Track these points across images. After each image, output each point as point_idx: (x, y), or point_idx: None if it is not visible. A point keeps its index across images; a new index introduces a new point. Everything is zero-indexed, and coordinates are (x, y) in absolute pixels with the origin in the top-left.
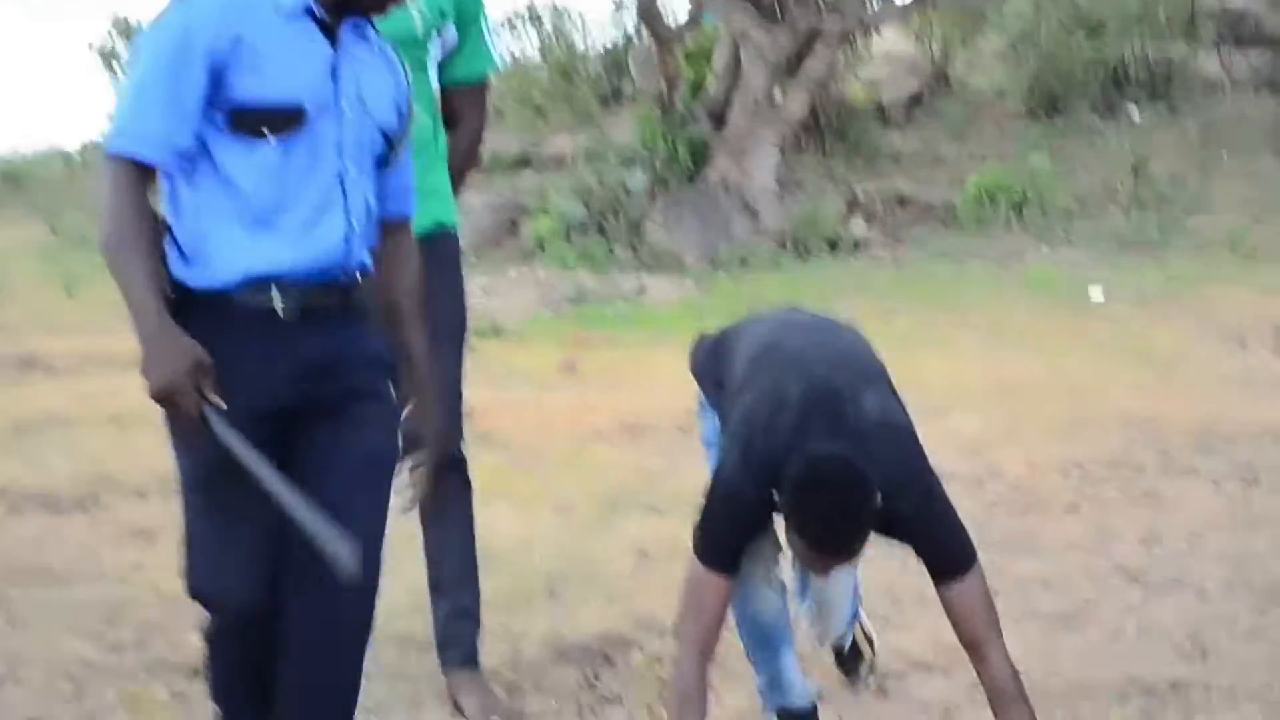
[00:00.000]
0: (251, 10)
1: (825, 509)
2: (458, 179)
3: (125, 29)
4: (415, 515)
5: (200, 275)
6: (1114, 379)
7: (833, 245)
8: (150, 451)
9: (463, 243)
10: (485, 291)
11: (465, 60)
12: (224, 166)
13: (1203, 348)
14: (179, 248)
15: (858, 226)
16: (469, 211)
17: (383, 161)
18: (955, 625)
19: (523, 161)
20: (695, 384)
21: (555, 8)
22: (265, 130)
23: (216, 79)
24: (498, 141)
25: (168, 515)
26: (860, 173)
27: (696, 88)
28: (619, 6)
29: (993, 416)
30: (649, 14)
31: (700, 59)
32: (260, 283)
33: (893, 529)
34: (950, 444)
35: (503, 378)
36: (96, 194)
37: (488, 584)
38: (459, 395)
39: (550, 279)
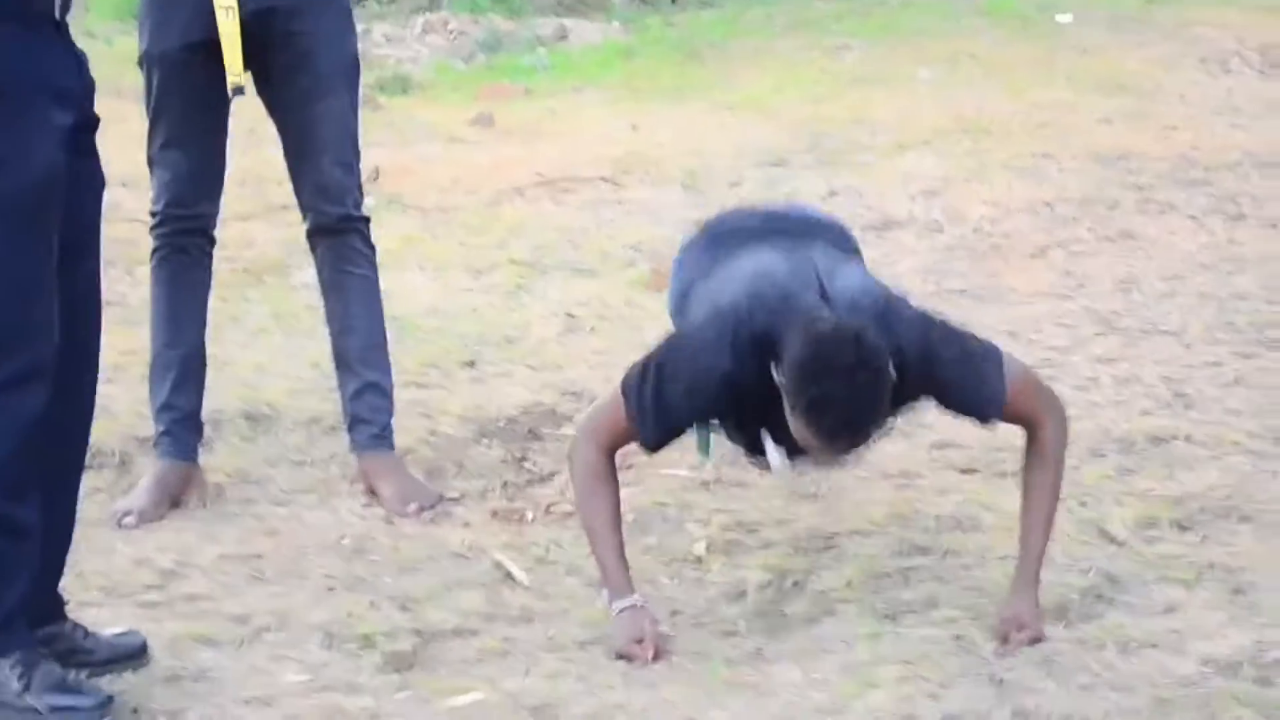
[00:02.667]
0: None
1: (839, 388)
2: None
3: None
4: (314, 284)
5: None
6: (1084, 111)
7: None
8: None
9: None
10: (388, 40)
11: None
12: None
13: (1181, 73)
14: None
15: None
16: None
17: None
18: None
19: None
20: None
21: None
22: None
23: None
24: None
25: None
26: None
27: None
28: None
29: (952, 155)
30: None
31: None
32: None
33: (908, 397)
34: (907, 186)
35: (411, 134)
36: None
37: (400, 357)
38: (355, 149)
39: (459, 25)
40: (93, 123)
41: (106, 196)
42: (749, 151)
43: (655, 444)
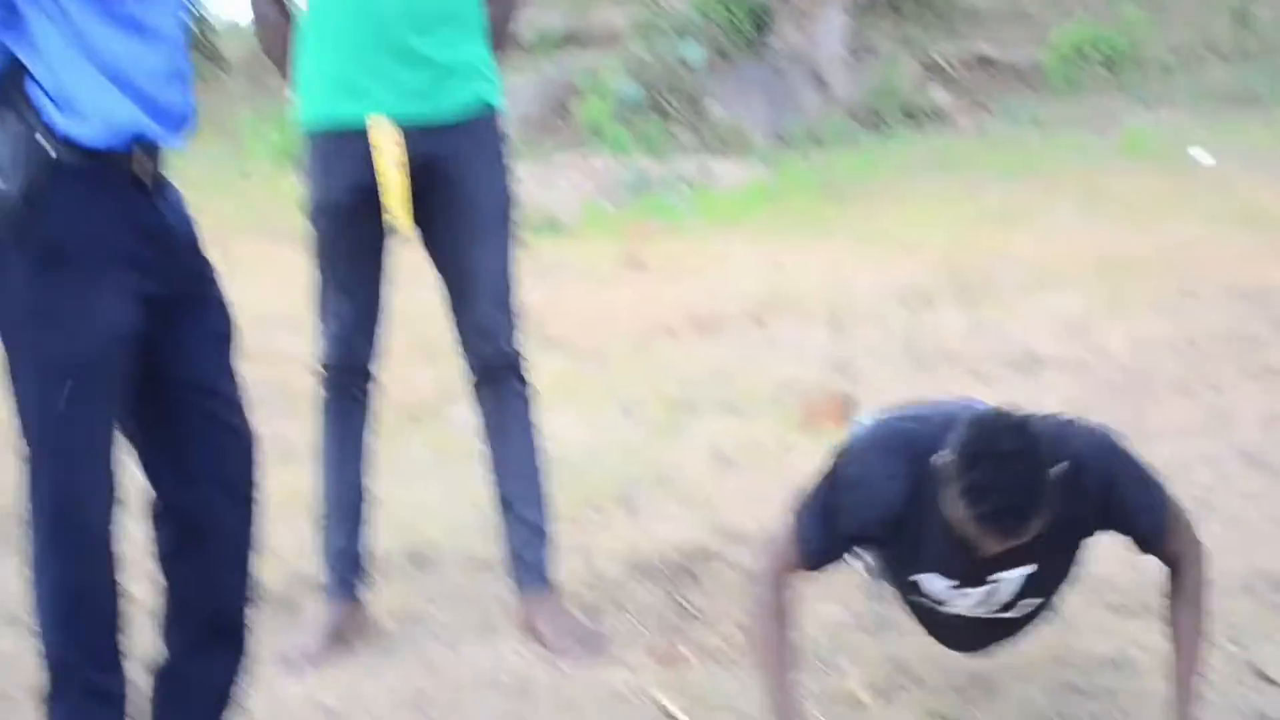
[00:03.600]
0: None
1: (998, 477)
2: (498, 53)
3: None
4: (472, 423)
5: (80, 128)
6: (1222, 247)
7: (910, 115)
8: None
9: (508, 129)
10: (537, 182)
11: None
12: (73, 18)
13: None
14: (52, 97)
15: (937, 93)
16: (513, 94)
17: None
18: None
19: (569, 37)
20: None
21: None
22: None
23: None
24: (540, 16)
25: None
26: (937, 34)
27: None
28: None
29: (1093, 293)
30: None
31: None
32: (121, 152)
33: (1080, 511)
34: (1049, 324)
35: (561, 275)
36: None
37: (557, 496)
38: (513, 291)
39: (606, 166)
40: (188, 281)
41: (261, 337)
42: (892, 288)
43: (815, 559)
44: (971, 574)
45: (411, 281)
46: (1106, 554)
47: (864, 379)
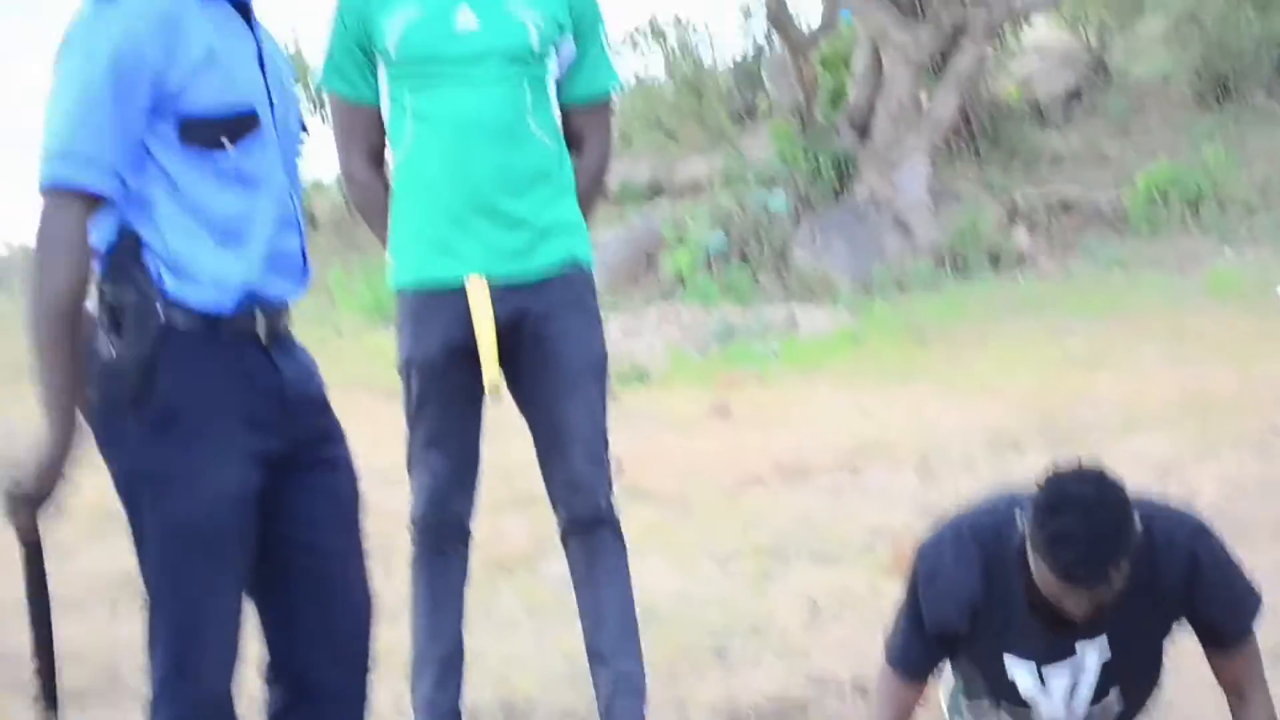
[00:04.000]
0: (182, 4)
1: (1076, 525)
2: (586, 208)
3: None
4: (564, 575)
5: (193, 293)
6: None
7: (995, 259)
8: None
9: (596, 282)
10: (624, 333)
11: (585, 77)
12: (181, 182)
13: None
14: (166, 263)
15: (1020, 237)
16: (600, 246)
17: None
18: (1218, 674)
19: (654, 189)
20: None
21: (679, 20)
22: (222, 139)
23: (159, 89)
24: (625, 168)
25: None
26: (1019, 178)
27: (836, 97)
28: (747, 15)
29: (1182, 434)
30: (779, 20)
31: (838, 65)
32: (246, 313)
33: (1158, 579)
34: (1138, 466)
35: (650, 425)
36: (39, 241)
37: (650, 646)
38: (605, 444)
39: (693, 315)
40: (310, 441)
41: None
42: (979, 433)
43: (913, 667)
44: (1054, 648)
45: (502, 433)
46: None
47: None
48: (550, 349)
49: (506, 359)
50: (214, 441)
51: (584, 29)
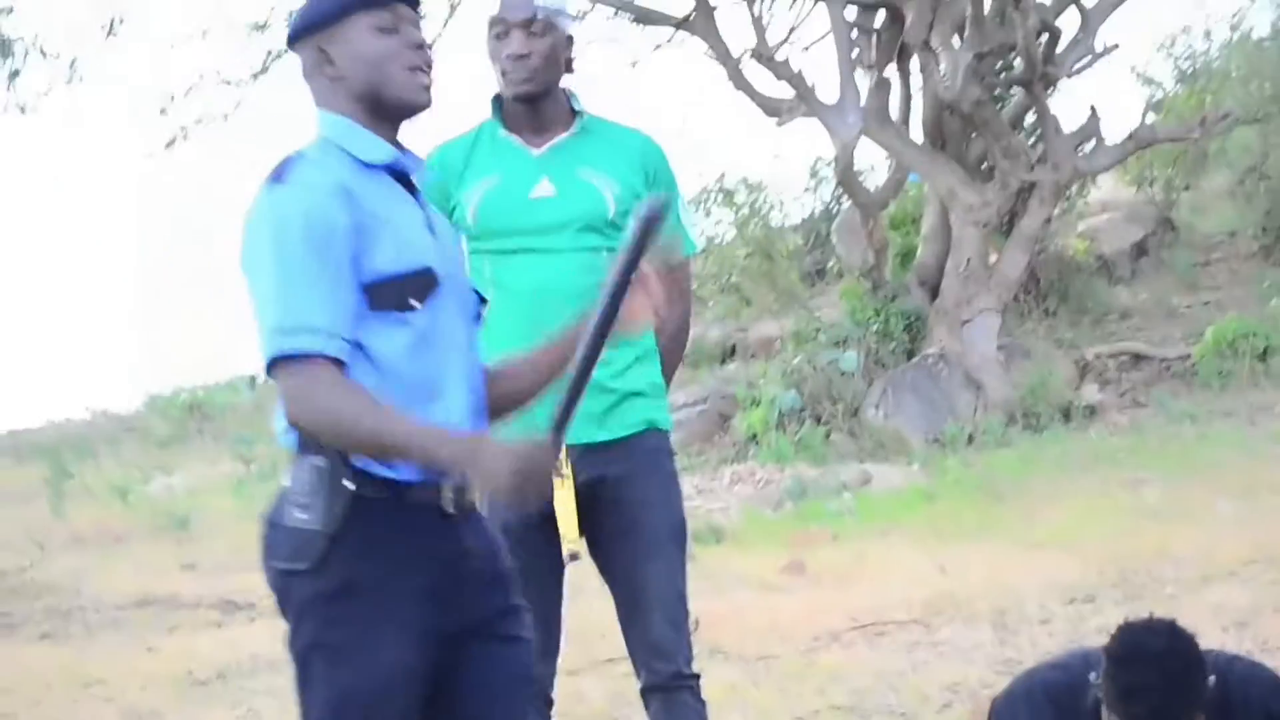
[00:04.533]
0: (350, 175)
1: (1148, 676)
2: (668, 372)
3: None
4: None
5: (382, 465)
6: None
7: (1066, 414)
8: None
9: (673, 444)
10: (698, 491)
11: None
12: (372, 348)
13: None
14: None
15: (1090, 392)
16: (674, 407)
17: (477, 318)
18: None
19: (727, 350)
20: None
21: (748, 182)
22: (410, 300)
23: (354, 254)
24: (699, 330)
25: None
26: (1088, 333)
27: (905, 256)
28: (815, 175)
29: (1258, 587)
30: (848, 181)
31: (906, 225)
32: (433, 474)
33: None
34: (1215, 619)
35: (726, 583)
36: (300, 415)
37: None
38: (685, 609)
39: (767, 474)
40: (488, 616)
41: None
42: (1055, 588)
43: None
44: None
45: (581, 592)
46: None
47: None
48: (630, 514)
49: (586, 523)
50: (392, 615)
51: None
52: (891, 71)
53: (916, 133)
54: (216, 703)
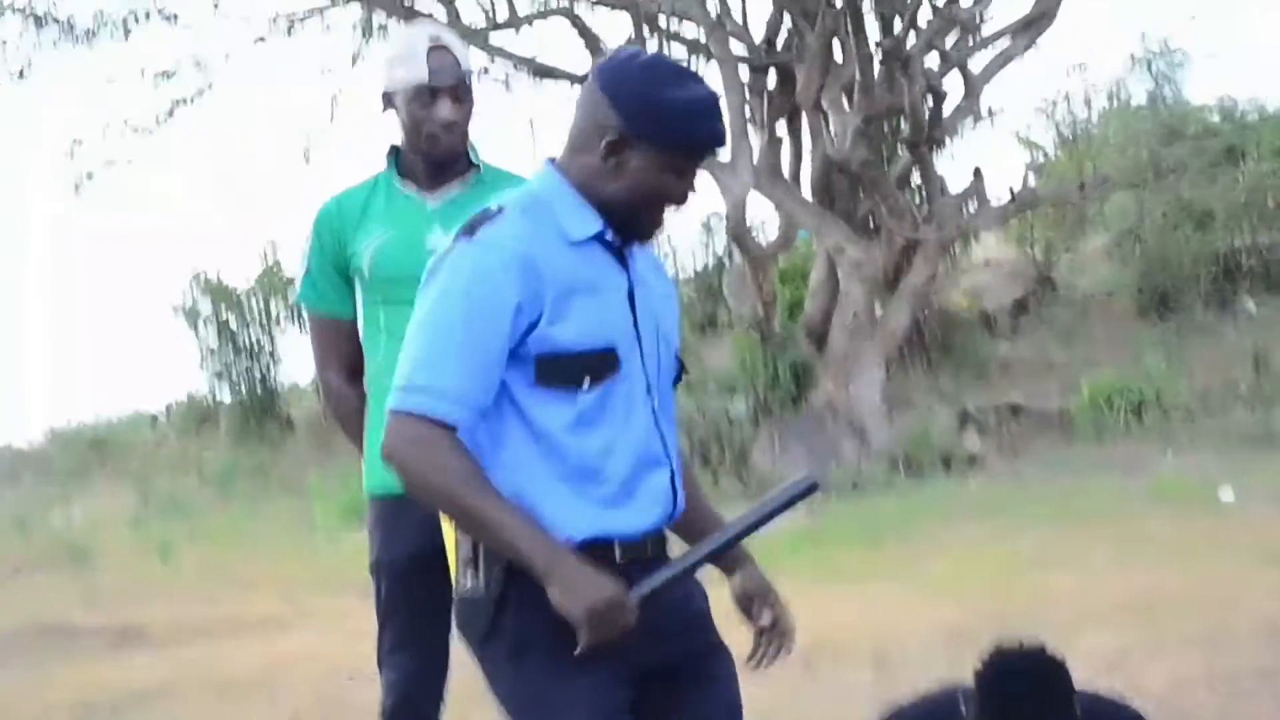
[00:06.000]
0: (545, 245)
1: (1020, 695)
2: None
3: (206, 286)
4: None
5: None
6: (1253, 584)
7: (947, 463)
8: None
9: None
10: None
11: None
12: (536, 421)
13: None
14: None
15: (971, 442)
16: None
17: (675, 384)
18: None
19: None
20: None
21: None
22: (584, 379)
23: (521, 329)
24: None
25: None
26: (969, 385)
27: (794, 308)
28: (708, 230)
29: (1130, 632)
30: (739, 235)
31: (795, 278)
32: (603, 544)
33: None
34: (1087, 663)
35: None
36: (394, 453)
37: None
38: None
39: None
40: (687, 657)
41: (327, 688)
42: (935, 631)
43: None
44: None
45: None
46: None
47: None
48: None
49: None
50: (573, 666)
51: None
52: (783, 130)
53: (806, 190)
54: None
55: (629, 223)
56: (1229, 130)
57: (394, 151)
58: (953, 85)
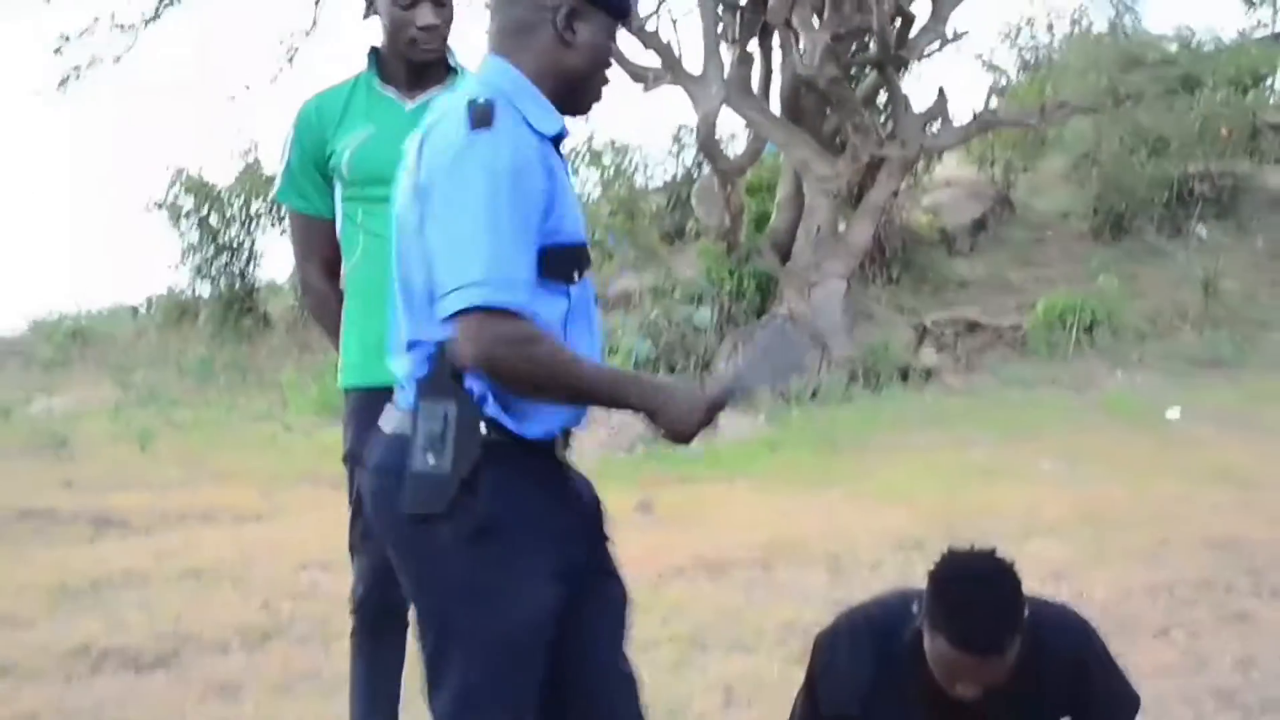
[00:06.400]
0: (533, 138)
1: (971, 595)
2: None
3: (188, 183)
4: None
5: (525, 423)
6: (1196, 500)
7: (904, 375)
8: (230, 606)
9: None
10: None
11: None
12: (539, 315)
13: None
14: (493, 394)
15: (928, 355)
16: None
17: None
18: None
19: None
20: None
21: (614, 144)
22: (573, 273)
23: (539, 212)
24: None
25: (250, 670)
26: (928, 301)
27: (760, 221)
28: (678, 142)
29: (1076, 543)
30: (709, 148)
31: (762, 192)
32: (566, 432)
33: (1045, 676)
34: (1034, 571)
35: None
36: (485, 357)
37: None
38: None
39: (620, 419)
40: (598, 552)
41: (302, 577)
42: (887, 536)
43: None
44: None
45: None
46: None
47: None
48: None
49: None
50: (528, 557)
51: None
52: (754, 47)
53: (775, 106)
54: (87, 613)
55: (581, 94)
56: (1186, 59)
57: (374, 53)
58: (921, 7)
